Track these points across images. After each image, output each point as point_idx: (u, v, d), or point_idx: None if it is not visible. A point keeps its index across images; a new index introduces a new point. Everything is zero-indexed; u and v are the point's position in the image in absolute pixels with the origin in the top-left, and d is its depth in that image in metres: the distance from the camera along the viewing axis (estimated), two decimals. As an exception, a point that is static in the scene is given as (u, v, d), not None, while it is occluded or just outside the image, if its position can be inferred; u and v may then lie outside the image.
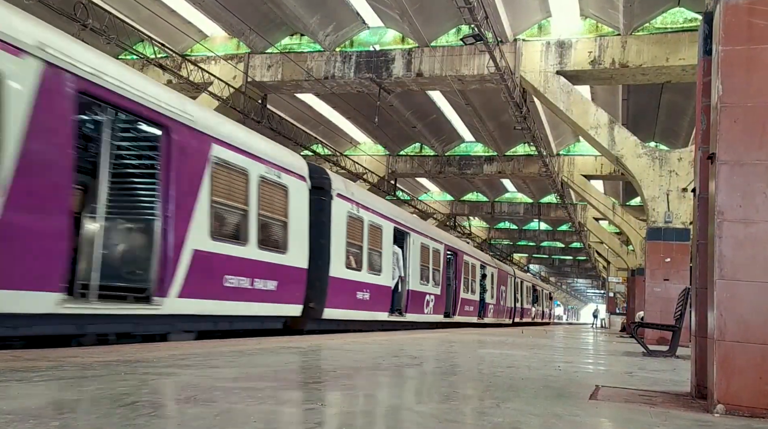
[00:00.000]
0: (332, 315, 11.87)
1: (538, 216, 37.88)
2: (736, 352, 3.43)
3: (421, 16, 16.88)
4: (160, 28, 17.77)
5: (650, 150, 16.40)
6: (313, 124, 25.37)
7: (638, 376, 5.82)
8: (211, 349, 6.07)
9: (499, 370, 5.48)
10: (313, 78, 18.24)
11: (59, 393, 3.15)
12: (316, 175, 11.46)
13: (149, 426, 2.39)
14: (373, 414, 3.07)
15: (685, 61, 15.45)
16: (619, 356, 9.04)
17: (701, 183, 4.29)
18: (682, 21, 15.91)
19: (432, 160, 28.33)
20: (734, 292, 3.49)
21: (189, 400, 3.06)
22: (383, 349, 7.49)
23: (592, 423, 3.12)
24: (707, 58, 4.28)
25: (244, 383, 3.90)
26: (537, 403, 3.60)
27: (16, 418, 2.42)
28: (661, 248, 15.38)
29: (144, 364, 4.44)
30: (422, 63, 17.70)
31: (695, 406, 3.81)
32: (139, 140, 8.24)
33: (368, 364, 5.38)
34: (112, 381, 3.61)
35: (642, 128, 22.86)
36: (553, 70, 16.63)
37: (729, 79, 3.64)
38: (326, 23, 18.05)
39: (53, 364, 4.18)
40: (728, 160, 3.60)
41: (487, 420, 2.95)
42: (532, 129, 18.94)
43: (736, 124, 3.60)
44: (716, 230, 3.56)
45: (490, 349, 8.77)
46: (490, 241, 47.96)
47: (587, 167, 26.16)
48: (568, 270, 70.67)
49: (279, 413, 2.91)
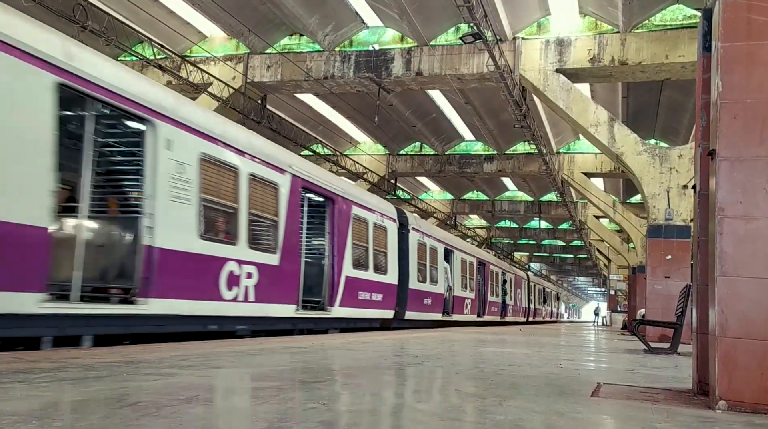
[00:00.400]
0: (409, 316, 16.15)
1: (538, 214, 37.86)
2: (738, 349, 3.44)
3: (420, 15, 16.88)
4: (159, 29, 17.77)
5: (650, 147, 16.39)
6: (313, 124, 25.37)
7: (640, 373, 5.83)
8: (212, 349, 6.08)
9: (501, 368, 5.48)
10: (313, 78, 18.24)
11: (62, 394, 3.15)
12: (400, 215, 15.99)
13: (151, 426, 2.40)
14: (377, 412, 3.07)
15: (684, 58, 15.44)
16: (620, 354, 9.04)
17: (701, 180, 4.29)
18: (681, 18, 15.90)
19: (432, 159, 28.32)
20: (735, 289, 3.49)
21: (191, 400, 3.07)
22: (383, 347, 7.50)
23: (594, 420, 3.12)
24: (707, 55, 4.28)
25: (247, 383, 3.91)
26: (539, 400, 3.60)
27: (19, 419, 2.42)
28: (661, 245, 15.38)
29: (146, 365, 4.44)
30: (421, 62, 17.69)
31: (697, 402, 3.82)
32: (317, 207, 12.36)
33: (371, 364, 5.39)
34: (114, 382, 3.61)
35: (642, 126, 22.85)
36: (552, 68, 16.63)
37: (728, 75, 3.64)
38: (325, 23, 18.05)
39: (55, 366, 4.19)
40: (728, 156, 3.60)
41: (489, 418, 2.95)
42: (531, 127, 18.94)
43: (736, 121, 3.60)
44: (717, 227, 3.56)
45: (491, 347, 8.77)
46: (490, 240, 47.95)
47: (587, 165, 26.16)
48: (569, 268, 70.65)
49: (282, 412, 2.91)
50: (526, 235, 48.08)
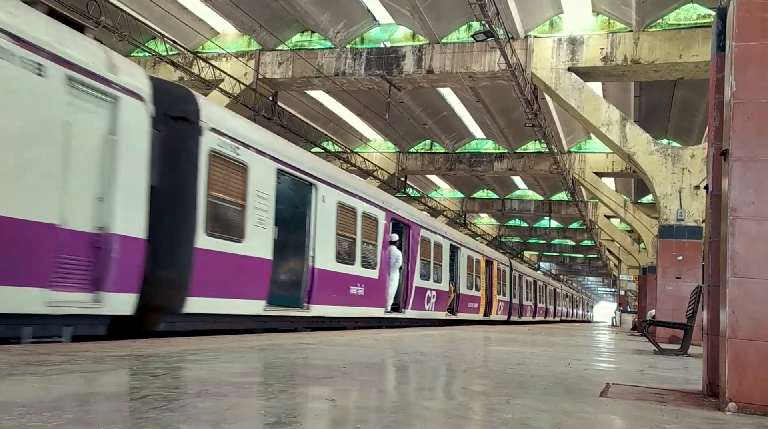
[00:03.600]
0: (460, 316, 20.47)
1: (548, 214, 37.71)
2: (749, 350, 3.41)
3: (431, 12, 16.84)
4: (171, 25, 17.84)
5: (662, 147, 16.28)
6: (324, 121, 25.38)
7: (649, 374, 5.80)
8: (222, 344, 6.11)
9: (509, 367, 5.47)
10: (324, 75, 18.25)
11: (72, 386, 3.18)
12: (455, 237, 20.17)
13: (161, 419, 2.41)
14: (383, 409, 3.08)
15: (698, 58, 15.30)
16: (629, 354, 9.00)
17: (714, 180, 4.26)
18: (695, 17, 15.76)
19: (442, 157, 28.26)
20: (747, 290, 3.47)
21: (200, 394, 3.08)
22: (389, 344, 7.51)
23: (602, 420, 3.11)
24: (720, 54, 4.25)
25: (255, 378, 3.92)
26: (547, 399, 3.60)
27: (30, 410, 2.45)
28: (673, 246, 15.27)
29: (156, 359, 4.47)
30: (433, 60, 17.65)
31: (707, 404, 3.80)
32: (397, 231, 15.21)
33: (378, 360, 5.40)
34: (124, 375, 3.64)
35: (654, 125, 22.69)
36: (564, 66, 16.54)
37: (742, 75, 3.61)
38: (337, 20, 18.05)
39: (66, 358, 4.23)
40: (741, 156, 3.57)
41: (496, 416, 2.95)
42: (543, 126, 18.86)
43: (750, 121, 3.57)
44: (729, 227, 3.54)
45: (501, 346, 8.76)
46: (500, 239, 47.83)
47: (598, 164, 26.01)
48: (578, 268, 70.33)
49: (289, 407, 2.92)
50: (536, 234, 47.90)
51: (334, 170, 12.04)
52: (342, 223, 11.70)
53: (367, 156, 27.65)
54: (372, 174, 26.89)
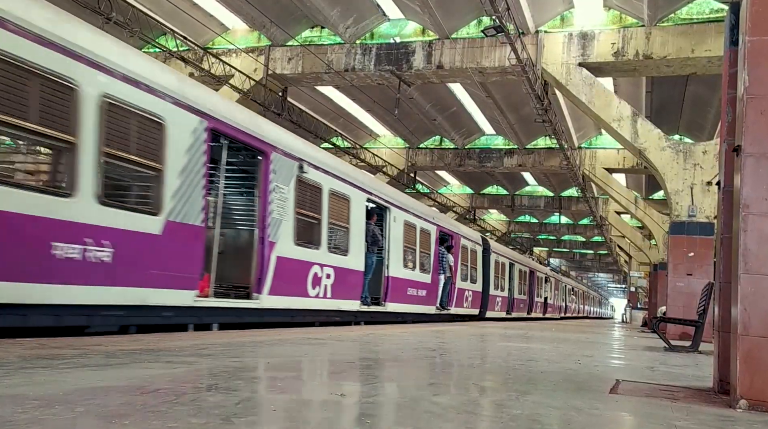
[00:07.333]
0: (489, 315, 22.79)
1: (558, 210, 37.55)
2: (761, 348, 3.39)
3: (441, 7, 16.78)
4: (182, 21, 17.89)
5: (674, 143, 16.16)
6: (333, 117, 25.39)
7: (660, 371, 5.77)
8: (231, 339, 6.14)
9: (519, 363, 5.46)
10: (333, 70, 18.24)
11: (84, 380, 3.21)
12: (484, 242, 22.44)
13: (171, 413, 2.43)
14: (392, 404, 3.09)
15: (711, 53, 15.16)
16: (640, 351, 8.96)
17: (726, 176, 4.22)
18: (708, 11, 15.62)
19: (452, 152, 28.19)
20: (759, 287, 3.44)
21: (210, 388, 3.10)
22: (402, 340, 7.53)
23: (612, 417, 3.10)
24: (733, 49, 4.21)
25: (265, 373, 3.94)
26: (556, 396, 3.59)
27: (42, 403, 2.48)
28: (684, 243, 15.17)
29: (167, 353, 4.50)
30: (443, 55, 17.60)
31: (717, 401, 3.78)
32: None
33: (391, 355, 5.41)
34: (135, 369, 3.67)
35: (666, 121, 22.52)
36: (575, 61, 16.44)
37: (756, 70, 3.58)
38: (347, 15, 18.03)
39: (78, 352, 4.26)
40: (754, 152, 3.54)
41: (506, 412, 2.95)
42: (553, 122, 18.76)
43: (763, 116, 3.54)
44: (741, 224, 3.51)
45: (511, 342, 8.75)
46: (510, 235, 47.71)
47: (609, 160, 25.85)
48: (589, 264, 70.03)
49: (299, 402, 2.94)
50: (546, 230, 47.73)
51: (400, 195, 14.76)
52: (407, 238, 14.43)
53: (377, 152, 27.63)
54: (381, 170, 26.87)
